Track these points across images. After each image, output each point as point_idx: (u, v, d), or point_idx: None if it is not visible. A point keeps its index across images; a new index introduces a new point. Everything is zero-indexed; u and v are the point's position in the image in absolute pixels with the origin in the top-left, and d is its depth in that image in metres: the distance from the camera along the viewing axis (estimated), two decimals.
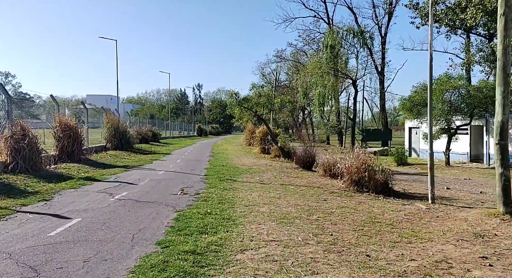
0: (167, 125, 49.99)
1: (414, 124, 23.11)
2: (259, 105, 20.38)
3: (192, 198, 8.37)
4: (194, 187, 9.96)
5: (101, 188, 9.10)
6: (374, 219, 7.14)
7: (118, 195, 8.17)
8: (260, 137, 25.39)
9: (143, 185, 9.92)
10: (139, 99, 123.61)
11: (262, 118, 21.38)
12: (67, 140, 14.42)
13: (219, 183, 10.81)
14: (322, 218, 7.03)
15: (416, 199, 9.67)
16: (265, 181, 11.81)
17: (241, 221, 6.55)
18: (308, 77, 33.30)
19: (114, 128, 21.39)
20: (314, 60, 33.56)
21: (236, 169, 14.56)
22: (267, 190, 10.05)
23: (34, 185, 9.30)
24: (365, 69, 36.98)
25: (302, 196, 9.26)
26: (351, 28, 31.40)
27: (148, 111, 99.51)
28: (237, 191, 9.67)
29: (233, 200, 8.44)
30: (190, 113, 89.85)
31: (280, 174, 13.61)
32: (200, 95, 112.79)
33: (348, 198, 9.33)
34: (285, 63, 51.69)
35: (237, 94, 19.79)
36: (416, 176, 15.29)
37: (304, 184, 11.42)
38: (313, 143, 16.55)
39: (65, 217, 6.24)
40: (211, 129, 75.00)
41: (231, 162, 17.57)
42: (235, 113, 20.57)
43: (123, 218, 6.34)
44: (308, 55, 45.33)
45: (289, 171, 14.89)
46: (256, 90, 20.80)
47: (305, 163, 15.83)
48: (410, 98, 21.70)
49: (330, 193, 9.91)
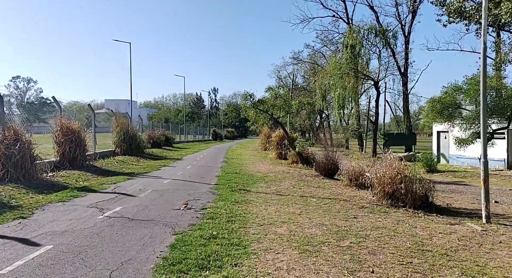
0: (181, 129, 49.13)
1: (445, 128, 21.30)
2: (275, 107, 19.02)
3: (197, 215, 7.05)
4: (201, 199, 8.65)
5: (93, 202, 7.88)
6: (422, 246, 5.66)
7: (110, 212, 6.92)
8: (276, 142, 24.00)
9: (143, 197, 8.66)
10: (156, 103, 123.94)
11: (278, 121, 20.02)
12: (68, 145, 13.37)
13: (230, 194, 9.48)
14: (356, 244, 5.60)
15: (464, 217, 8.11)
16: (282, 191, 10.42)
17: (254, 248, 5.19)
18: (326, 78, 31.74)
19: (123, 132, 20.40)
20: (333, 61, 32.00)
21: (250, 177, 13.21)
22: (285, 203, 8.66)
23: (20, 197, 8.17)
24: (387, 70, 35.29)
25: (327, 212, 7.83)
26: (373, 26, 29.75)
27: (164, 115, 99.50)
28: (251, 204, 8.32)
29: (245, 217, 7.09)
30: (205, 117, 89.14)
31: (299, 183, 12.19)
32: (216, 99, 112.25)
33: (383, 215, 7.84)
34: (301, 66, 50.18)
35: (252, 95, 18.50)
36: (452, 186, 13.63)
37: (327, 196, 9.97)
38: (334, 148, 15.05)
39: (35, 243, 5.01)
40: (226, 133, 73.93)
41: (245, 168, 16.24)
42: (249, 116, 19.27)
43: (106, 244, 5.07)
44: (326, 56, 43.79)
45: (309, 179, 13.45)
46: (272, 92, 19.46)
47: (326, 171, 14.36)
48: (440, 100, 19.95)
49: (360, 208, 8.44)
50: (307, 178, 13.70)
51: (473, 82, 18.67)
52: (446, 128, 21.38)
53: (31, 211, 6.87)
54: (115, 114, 21.35)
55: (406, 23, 34.83)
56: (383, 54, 32.96)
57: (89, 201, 7.90)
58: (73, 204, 7.57)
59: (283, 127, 19.75)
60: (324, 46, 43.44)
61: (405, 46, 35.39)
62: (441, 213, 8.33)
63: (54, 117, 18.10)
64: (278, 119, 19.93)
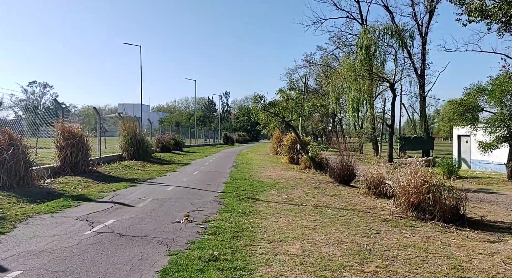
0: (192, 133, 48.62)
1: (467, 131, 20.10)
2: (287, 110, 18.18)
3: (198, 229, 6.24)
4: (205, 210, 7.85)
5: (85, 213, 7.14)
6: (462, 271, 4.74)
7: (100, 225, 6.16)
8: (288, 146, 23.14)
9: (141, 207, 7.89)
10: (168, 107, 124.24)
11: (290, 124, 19.16)
12: (70, 150, 12.74)
13: (238, 203, 8.66)
14: (383, 269, 4.70)
15: (503, 232, 7.12)
16: (295, 200, 9.55)
17: (261, 274, 4.35)
18: (340, 81, 30.78)
19: (131, 136, 19.81)
20: (347, 63, 31.01)
21: (260, 184, 12.37)
22: (298, 214, 7.80)
23: (8, 207, 7.49)
24: (402, 72, 34.09)
25: (346, 226, 6.93)
26: (389, 26, 28.70)
27: (176, 119, 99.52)
28: (259, 216, 7.48)
29: (253, 231, 6.26)
30: (217, 121, 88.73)
31: (312, 191, 11.30)
32: (228, 103, 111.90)
33: (409, 229, 6.90)
34: (314, 69, 49.19)
35: (263, 98, 17.70)
36: (479, 194, 12.54)
37: (345, 206, 9.06)
38: (349, 152, 14.11)
39: (2, 267, 4.26)
40: (237, 137, 73.27)
41: (255, 174, 15.40)
42: (260, 119, 18.49)
43: (85, 269, 4.29)
44: (339, 59, 42.79)
45: (323, 186, 12.54)
46: (283, 94, 18.63)
47: (341, 177, 13.42)
48: (462, 102, 18.82)
49: (382, 221, 7.52)
50: (321, 185, 12.79)
51: (498, 83, 17.54)
52: (469, 132, 20.19)
53: (13, 225, 6.15)
54: (122, 118, 20.80)
55: (423, 23, 33.67)
56: (399, 55, 31.82)
57: (81, 212, 7.16)
58: (62, 216, 6.84)
59: (295, 130, 18.89)
60: (337, 48, 42.45)
61: (422, 47, 34.18)
62: (474, 227, 7.35)
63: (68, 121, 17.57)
64: (289, 122, 19.08)
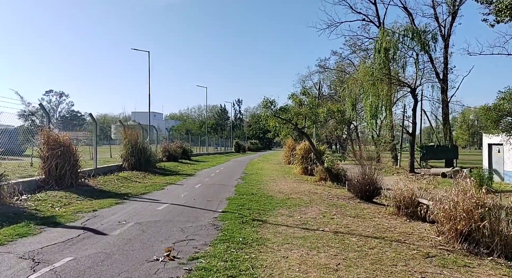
0: (202, 141, 47.29)
1: (502, 140, 18.08)
2: (299, 116, 16.54)
3: (179, 273, 4.62)
4: (196, 239, 6.23)
5: (38, 246, 5.56)
6: None
7: (45, 269, 4.55)
8: (301, 155, 21.40)
9: (116, 236, 6.31)
10: (181, 115, 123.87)
11: (303, 132, 17.48)
12: (55, 161, 11.31)
13: (239, 228, 7.02)
14: None
15: None
16: (309, 223, 7.86)
17: None
18: (357, 86, 28.97)
19: (131, 144, 18.44)
20: (364, 66, 29.27)
21: (269, 200, 10.71)
22: (314, 245, 6.11)
23: None
24: (422, 77, 32.09)
25: (378, 266, 5.22)
26: (410, 27, 26.89)
27: (188, 127, 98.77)
28: (265, 248, 5.83)
29: (254, 275, 4.61)
30: (229, 129, 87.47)
31: (330, 210, 9.58)
32: (240, 111, 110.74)
33: (464, 272, 5.14)
34: (328, 74, 47.51)
35: (273, 102, 16.10)
36: None
37: (372, 232, 7.31)
38: (370, 163, 12.34)
39: None
40: (249, 145, 71.69)
41: (265, 187, 13.75)
42: (270, 126, 16.89)
43: None
44: (355, 64, 41.02)
45: (342, 203, 10.79)
46: (296, 99, 17.00)
47: (363, 192, 11.64)
48: (496, 107, 16.89)
49: (425, 256, 5.76)
50: (340, 202, 11.04)
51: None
52: (503, 140, 18.17)
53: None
54: (123, 125, 19.46)
55: (445, 25, 31.77)
56: (420, 59, 29.92)
57: (34, 245, 5.60)
58: (5, 251, 5.28)
59: (308, 138, 17.20)
60: (353, 52, 40.74)
61: (444, 50, 32.23)
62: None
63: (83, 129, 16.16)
64: (303, 130, 17.40)
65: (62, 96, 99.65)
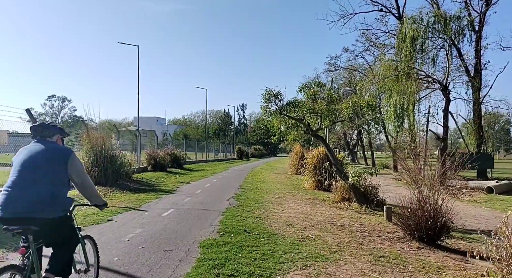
0: (202, 147, 43.13)
1: None
2: (314, 113, 12.30)
3: None
4: None
5: None
6: None
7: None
8: (313, 165, 17.13)
9: None
10: (185, 120, 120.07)
11: (319, 135, 13.23)
12: None
13: None
14: None
15: None
16: None
17: None
18: (376, 83, 24.69)
19: (96, 152, 14.31)
20: (385, 60, 25.00)
21: (272, 245, 6.46)
22: None
23: None
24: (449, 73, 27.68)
25: None
26: (441, 13, 22.60)
27: (191, 132, 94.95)
28: None
29: None
30: (233, 134, 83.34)
31: (377, 268, 5.31)
32: (244, 115, 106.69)
33: None
34: (339, 73, 43.25)
35: (278, 95, 11.90)
36: None
37: None
38: (431, 182, 8.03)
39: None
40: (253, 151, 67.43)
41: (266, 214, 9.48)
42: (274, 127, 12.70)
43: None
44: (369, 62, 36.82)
45: (394, 252, 6.47)
46: (309, 91, 12.76)
47: (423, 230, 7.29)
48: None
49: None
50: (389, 248, 6.72)
51: None
52: None
53: None
54: (85, 126, 15.29)
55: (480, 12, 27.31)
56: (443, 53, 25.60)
57: None
58: None
59: (326, 144, 12.92)
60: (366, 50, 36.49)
61: (476, 43, 27.85)
62: None
63: None
64: (317, 132, 13.14)
65: (65, 101, 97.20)
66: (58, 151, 3.38)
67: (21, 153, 3.31)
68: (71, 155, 3.38)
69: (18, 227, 2.98)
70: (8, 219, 2.98)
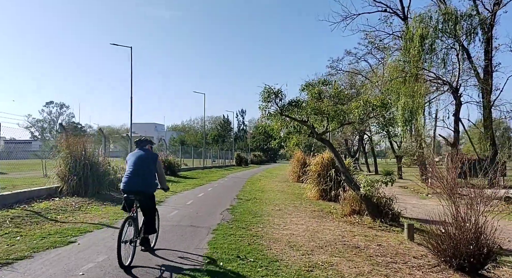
0: (199, 153, 41.57)
1: None
2: (319, 114, 10.82)
3: None
4: None
5: None
6: None
7: None
8: (317, 172, 15.66)
9: None
10: (184, 126, 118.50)
11: (325, 139, 11.76)
12: None
13: None
14: None
15: None
16: None
17: None
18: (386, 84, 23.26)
19: (74, 159, 12.78)
20: (391, 61, 23.65)
21: (272, 271, 5.02)
22: None
23: None
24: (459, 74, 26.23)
25: None
26: (451, 10, 21.26)
27: (189, 138, 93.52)
28: None
29: None
30: (233, 140, 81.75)
31: None
32: (244, 121, 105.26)
33: None
34: (341, 77, 41.84)
35: (279, 94, 10.44)
36: None
37: None
38: (475, 194, 6.55)
39: None
40: (252, 158, 65.82)
41: (265, 231, 7.96)
42: (274, 130, 11.24)
43: None
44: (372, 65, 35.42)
45: None
46: (313, 90, 11.31)
47: (463, 257, 5.78)
48: None
49: None
50: None
51: None
52: None
53: None
54: (65, 130, 13.79)
55: (491, 11, 25.98)
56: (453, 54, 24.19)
57: None
58: None
59: (333, 149, 11.41)
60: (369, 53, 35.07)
61: (486, 43, 26.49)
62: None
63: None
64: (323, 136, 11.66)
65: (63, 108, 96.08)
66: (151, 155, 5.95)
67: (132, 156, 5.88)
68: (157, 158, 5.98)
69: (132, 196, 5.52)
70: (129, 191, 5.53)
